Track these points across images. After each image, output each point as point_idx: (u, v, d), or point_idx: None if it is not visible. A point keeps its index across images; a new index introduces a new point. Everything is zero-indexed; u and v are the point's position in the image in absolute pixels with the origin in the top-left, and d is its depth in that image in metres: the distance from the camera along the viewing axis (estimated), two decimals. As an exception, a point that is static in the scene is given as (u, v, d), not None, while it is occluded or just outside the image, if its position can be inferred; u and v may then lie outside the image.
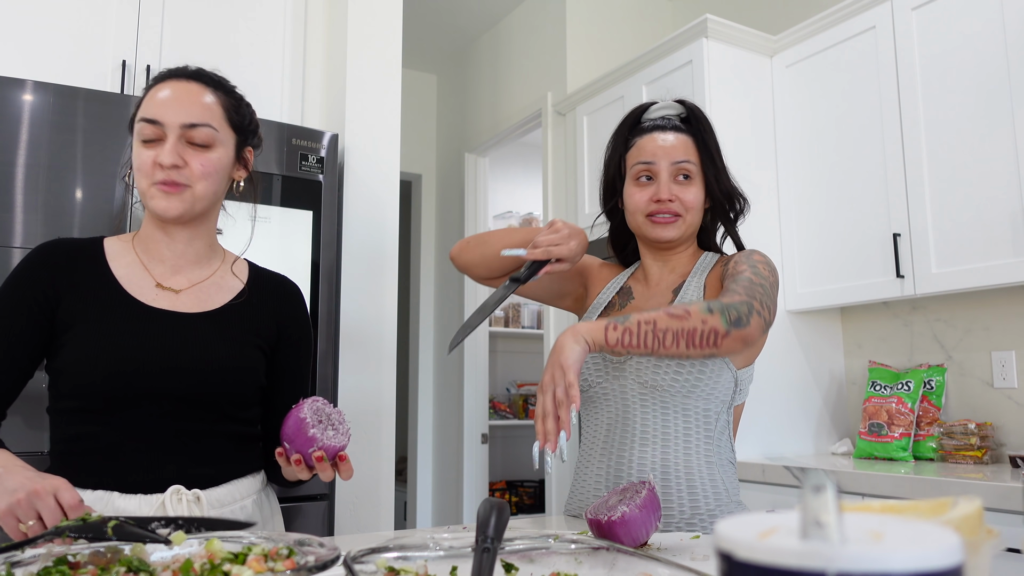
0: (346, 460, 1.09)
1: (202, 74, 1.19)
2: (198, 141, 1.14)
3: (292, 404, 1.26)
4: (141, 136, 1.13)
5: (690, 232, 1.32)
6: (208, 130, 1.15)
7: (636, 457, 1.22)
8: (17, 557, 0.75)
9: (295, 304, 1.33)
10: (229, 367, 1.17)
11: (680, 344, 1.06)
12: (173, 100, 1.14)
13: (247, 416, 1.23)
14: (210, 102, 1.17)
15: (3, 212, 1.93)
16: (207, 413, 1.16)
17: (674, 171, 1.28)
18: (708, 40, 2.67)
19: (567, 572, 0.82)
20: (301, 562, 0.75)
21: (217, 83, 1.20)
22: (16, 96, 1.97)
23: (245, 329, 1.22)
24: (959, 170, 2.20)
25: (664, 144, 1.28)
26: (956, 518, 0.51)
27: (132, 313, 1.15)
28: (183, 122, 1.13)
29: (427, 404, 4.49)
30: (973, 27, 2.19)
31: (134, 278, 1.19)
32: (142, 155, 1.13)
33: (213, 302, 1.22)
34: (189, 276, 1.22)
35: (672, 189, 1.27)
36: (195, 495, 1.10)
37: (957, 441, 2.28)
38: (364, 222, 2.45)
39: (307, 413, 1.06)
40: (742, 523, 0.37)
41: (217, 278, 1.25)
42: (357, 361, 2.37)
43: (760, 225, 2.69)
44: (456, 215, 4.40)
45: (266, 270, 1.35)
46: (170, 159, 1.11)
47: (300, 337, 1.32)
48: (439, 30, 4.24)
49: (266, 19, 2.60)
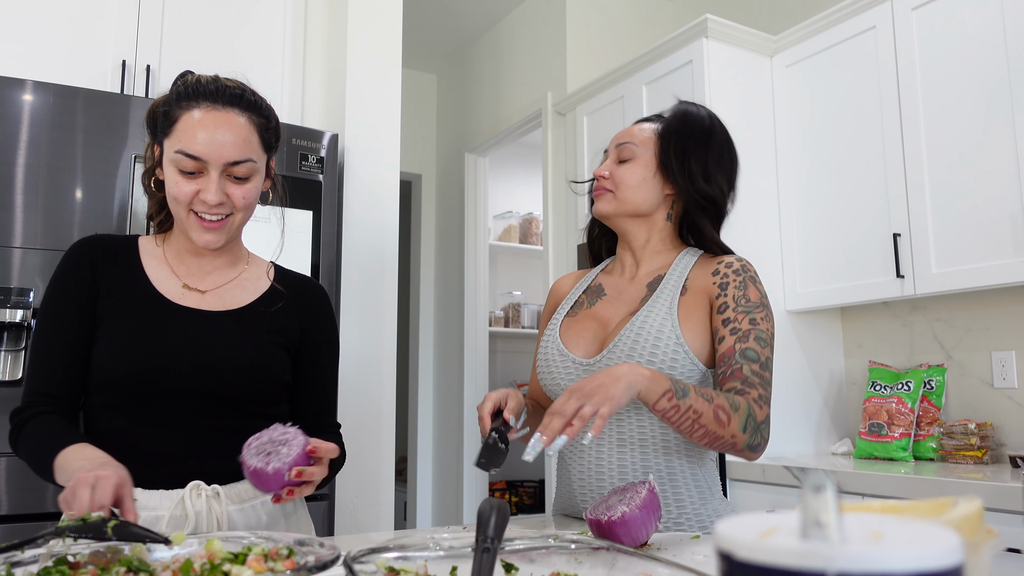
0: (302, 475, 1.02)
1: (241, 98, 1.17)
2: (239, 175, 1.16)
3: (314, 405, 1.31)
4: (179, 167, 1.13)
5: (629, 208, 1.31)
6: (249, 164, 1.16)
7: (616, 460, 1.22)
8: (17, 557, 0.75)
9: (320, 306, 1.34)
10: (252, 365, 1.19)
11: (699, 437, 1.10)
12: (215, 135, 1.12)
13: (271, 413, 1.23)
14: (249, 133, 1.17)
15: (3, 212, 1.93)
16: (230, 410, 1.17)
17: (616, 152, 1.34)
18: (708, 40, 2.67)
19: (567, 572, 0.82)
20: (301, 562, 0.75)
21: (253, 105, 1.19)
22: (16, 96, 1.97)
23: (269, 328, 1.24)
24: (959, 170, 2.20)
25: (624, 130, 1.38)
26: (956, 518, 0.51)
27: (159, 310, 1.18)
28: (227, 161, 1.13)
29: (427, 404, 4.49)
30: (973, 27, 2.19)
31: (163, 278, 1.22)
32: (181, 185, 1.13)
33: (238, 301, 1.24)
34: (215, 279, 1.25)
35: (611, 168, 1.33)
36: (215, 490, 1.12)
37: (957, 441, 2.28)
38: (364, 222, 2.45)
39: (247, 457, 1.01)
40: (742, 523, 0.37)
41: (242, 279, 1.28)
42: (357, 361, 2.37)
43: (760, 225, 2.69)
44: (456, 215, 4.40)
45: (292, 272, 1.37)
46: (216, 198, 1.13)
47: (324, 339, 1.33)
48: (439, 30, 4.24)
49: (266, 19, 2.60)
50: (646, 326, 1.20)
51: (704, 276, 1.26)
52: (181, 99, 1.15)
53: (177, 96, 1.15)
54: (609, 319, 1.29)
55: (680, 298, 1.24)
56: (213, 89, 1.16)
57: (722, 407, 1.09)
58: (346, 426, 2.33)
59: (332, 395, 1.37)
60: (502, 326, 4.64)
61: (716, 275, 1.25)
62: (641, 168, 1.31)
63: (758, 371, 1.16)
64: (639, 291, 1.30)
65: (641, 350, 1.18)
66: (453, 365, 4.30)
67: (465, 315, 4.21)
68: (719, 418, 1.08)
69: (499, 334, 4.67)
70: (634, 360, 1.18)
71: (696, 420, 1.07)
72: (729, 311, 1.20)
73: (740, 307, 1.20)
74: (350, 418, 2.33)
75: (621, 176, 1.31)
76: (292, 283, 1.33)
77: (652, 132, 1.33)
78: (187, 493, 1.10)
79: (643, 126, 1.35)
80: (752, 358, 1.16)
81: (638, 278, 1.32)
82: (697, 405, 1.07)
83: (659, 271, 1.31)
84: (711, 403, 1.08)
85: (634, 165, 1.31)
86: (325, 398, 1.35)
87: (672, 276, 1.27)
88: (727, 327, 1.20)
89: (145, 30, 2.39)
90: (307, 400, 1.31)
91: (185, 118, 1.13)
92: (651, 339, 1.18)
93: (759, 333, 1.19)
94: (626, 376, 1.02)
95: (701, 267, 1.28)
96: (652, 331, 1.19)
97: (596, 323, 1.30)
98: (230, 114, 1.15)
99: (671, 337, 1.18)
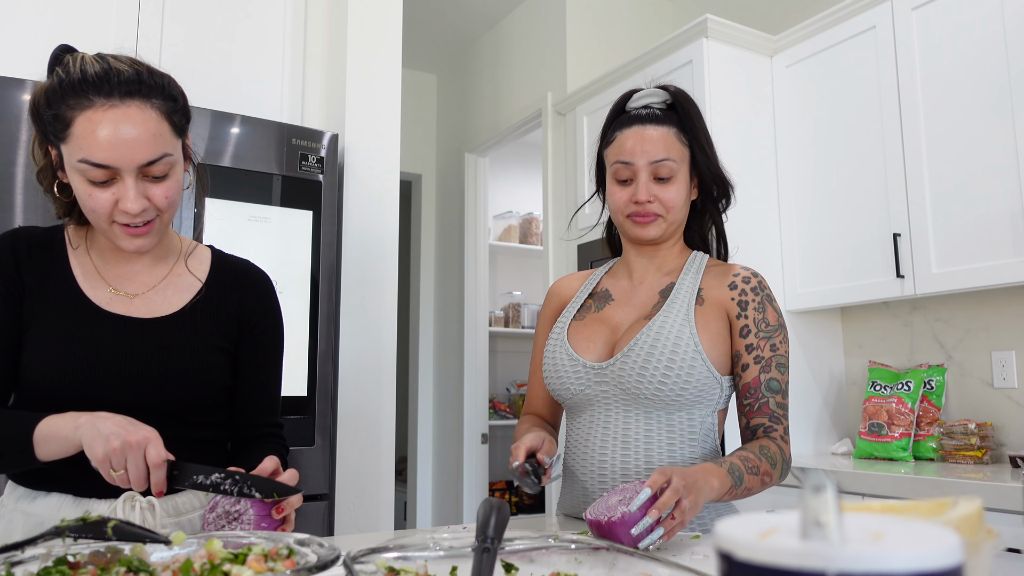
0: (283, 511, 0.99)
1: (139, 84, 1.02)
2: (157, 174, 1.04)
3: (253, 401, 1.23)
4: (87, 177, 1.00)
5: (673, 229, 1.28)
6: (166, 160, 1.04)
7: (619, 461, 1.21)
8: (17, 557, 0.75)
9: (258, 294, 1.24)
10: (188, 375, 1.12)
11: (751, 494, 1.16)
12: (120, 137, 0.99)
13: (210, 421, 1.18)
14: (158, 125, 1.03)
15: (3, 212, 1.93)
16: (166, 420, 1.09)
17: (652, 170, 1.23)
18: (708, 40, 2.68)
19: (567, 572, 0.82)
20: (301, 562, 0.75)
21: (155, 89, 1.04)
22: (16, 96, 1.97)
23: (205, 332, 1.16)
24: (959, 170, 2.20)
25: (642, 141, 1.23)
26: (956, 518, 0.51)
27: (87, 317, 1.10)
28: (140, 163, 1.01)
29: (427, 404, 4.49)
30: (973, 27, 2.19)
31: (90, 277, 1.13)
32: (96, 198, 1.01)
33: (170, 305, 1.16)
34: (144, 280, 1.16)
35: (651, 189, 1.23)
36: (149, 502, 1.05)
37: (957, 441, 2.28)
38: (364, 222, 2.45)
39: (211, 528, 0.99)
40: (742, 523, 0.37)
41: (174, 276, 1.19)
42: (357, 361, 2.37)
43: (760, 225, 2.69)
44: (456, 215, 4.40)
45: (231, 257, 1.27)
46: (138, 205, 1.02)
47: (262, 329, 1.24)
48: (439, 30, 4.24)
49: (266, 19, 2.60)
50: (663, 333, 1.19)
51: (720, 288, 1.25)
52: (68, 95, 0.99)
53: (63, 91, 1.00)
54: (619, 323, 1.28)
55: (697, 307, 1.23)
56: (103, 78, 0.99)
57: (767, 473, 1.15)
58: (346, 426, 2.35)
59: (271, 393, 1.26)
60: (502, 326, 4.64)
61: (734, 289, 1.24)
62: (683, 184, 1.25)
63: (780, 402, 1.21)
64: (650, 297, 1.28)
65: (659, 356, 1.17)
66: (453, 365, 4.30)
67: (465, 315, 4.21)
68: (765, 482, 1.16)
69: (499, 334, 4.67)
70: (651, 366, 1.17)
71: (749, 491, 1.14)
72: (751, 336, 1.21)
73: (762, 332, 1.21)
74: (350, 418, 2.33)
75: (668, 199, 1.23)
76: (230, 270, 1.23)
77: (676, 139, 1.25)
78: (120, 504, 1.04)
79: (660, 131, 1.24)
80: (775, 389, 1.21)
81: (648, 283, 1.31)
82: (750, 484, 1.12)
83: (669, 277, 1.30)
84: (758, 475, 1.14)
85: (674, 183, 1.24)
86: (263, 398, 1.24)
87: (684, 283, 1.26)
88: (750, 354, 1.21)
89: (145, 30, 2.39)
90: (243, 400, 1.21)
91: (80, 122, 0.99)
92: (669, 346, 1.18)
93: (779, 359, 1.22)
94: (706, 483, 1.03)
95: (713, 276, 1.27)
96: (670, 338, 1.18)
97: (606, 327, 1.28)
98: (130, 108, 1.00)
99: (689, 345, 1.18)
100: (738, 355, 1.22)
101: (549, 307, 1.42)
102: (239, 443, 1.23)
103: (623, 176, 1.26)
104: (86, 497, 1.08)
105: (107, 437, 0.93)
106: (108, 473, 0.94)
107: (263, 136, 2.24)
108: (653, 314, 1.24)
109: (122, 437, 0.94)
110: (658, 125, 1.24)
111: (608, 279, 1.38)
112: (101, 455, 0.93)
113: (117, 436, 0.94)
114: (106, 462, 0.93)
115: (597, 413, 1.25)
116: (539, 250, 4.66)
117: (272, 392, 1.26)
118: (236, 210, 2.17)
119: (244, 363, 1.22)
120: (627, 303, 1.30)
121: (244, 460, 1.14)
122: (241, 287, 1.23)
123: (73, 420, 0.98)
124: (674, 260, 1.32)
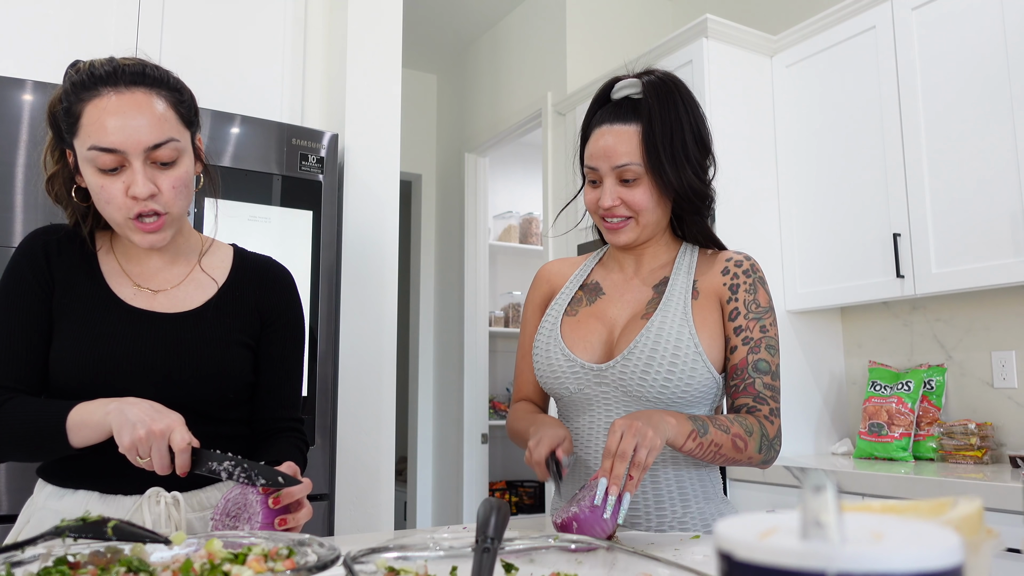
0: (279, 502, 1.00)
1: (144, 75, 1.07)
2: (164, 160, 1.06)
3: (274, 396, 1.24)
4: (98, 165, 1.04)
5: (651, 230, 1.23)
6: (173, 144, 1.07)
7: None
8: (17, 557, 0.75)
9: (279, 290, 1.26)
10: (211, 371, 1.14)
11: (720, 462, 1.16)
12: (128, 120, 1.03)
13: (232, 416, 1.19)
14: (163, 109, 1.07)
15: (3, 212, 1.93)
16: (189, 415, 1.09)
17: (617, 174, 1.19)
18: (708, 40, 2.68)
19: (567, 572, 0.82)
20: (301, 562, 0.75)
21: (159, 80, 1.09)
22: (16, 96, 1.97)
23: (227, 327, 1.18)
24: (959, 170, 2.20)
25: (606, 145, 1.18)
26: (956, 518, 0.51)
27: (113, 312, 1.13)
28: (147, 145, 1.04)
29: (427, 404, 4.49)
30: (973, 27, 2.19)
31: (115, 274, 1.16)
32: (107, 186, 1.05)
33: (192, 301, 1.18)
34: (165, 277, 1.19)
35: (617, 192, 1.19)
36: (174, 497, 1.07)
37: (957, 441, 2.28)
38: (364, 222, 2.45)
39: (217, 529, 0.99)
40: (742, 523, 0.37)
41: (196, 273, 1.21)
42: (357, 361, 2.37)
43: (760, 225, 2.69)
44: (456, 215, 4.40)
45: (253, 254, 1.29)
46: (145, 189, 1.04)
47: (284, 324, 1.25)
48: (439, 30, 4.24)
49: (266, 19, 2.60)
50: (663, 333, 1.17)
51: (713, 276, 1.24)
52: (79, 90, 1.05)
53: (74, 88, 1.06)
54: (613, 320, 1.26)
55: (693, 302, 1.22)
56: (111, 71, 1.05)
57: (739, 435, 1.13)
58: (346, 426, 2.35)
59: (293, 387, 1.28)
60: (502, 326, 4.64)
61: (726, 274, 1.23)
62: (648, 184, 1.19)
63: (769, 383, 1.20)
64: (643, 292, 1.26)
65: (660, 359, 1.16)
66: (453, 365, 4.30)
67: (465, 315, 4.21)
68: (737, 445, 1.13)
69: (499, 334, 4.67)
70: (653, 369, 1.16)
71: (717, 451, 1.12)
72: (740, 318, 1.20)
73: (751, 313, 1.20)
74: (350, 418, 2.33)
75: (635, 201, 1.19)
76: (251, 267, 1.26)
77: (637, 136, 1.17)
78: (146, 500, 1.06)
79: (627, 131, 1.18)
80: (763, 370, 1.20)
81: (640, 277, 1.29)
82: (717, 439, 1.11)
83: (662, 271, 1.28)
84: (728, 433, 1.12)
85: (641, 184, 1.18)
86: (284, 391, 1.26)
87: (678, 277, 1.24)
88: (739, 336, 1.20)
89: (145, 31, 2.39)
90: (264, 395, 1.23)
91: (89, 110, 1.04)
92: (670, 348, 1.16)
93: (768, 341, 1.21)
94: (659, 425, 1.03)
95: (706, 265, 1.26)
96: (671, 340, 1.17)
97: (600, 324, 1.26)
98: (136, 94, 1.05)
99: (690, 346, 1.17)
100: (727, 339, 1.21)
101: (538, 292, 1.39)
102: (259, 437, 1.25)
103: (592, 178, 1.24)
104: (112, 494, 1.10)
105: (134, 425, 0.97)
106: (135, 459, 0.98)
107: (263, 136, 2.24)
108: (649, 312, 1.22)
109: (147, 425, 0.96)
110: (626, 124, 1.18)
111: (599, 270, 1.35)
112: (128, 443, 0.97)
113: (143, 424, 0.97)
114: (133, 449, 0.97)
115: (598, 414, 1.24)
116: (539, 250, 4.66)
117: (293, 387, 1.28)
118: (236, 210, 2.17)
119: (265, 358, 1.24)
120: (619, 298, 1.28)
121: (264, 454, 1.18)
122: (263, 283, 1.25)
123: (103, 407, 1.01)
124: (664, 254, 1.29)
